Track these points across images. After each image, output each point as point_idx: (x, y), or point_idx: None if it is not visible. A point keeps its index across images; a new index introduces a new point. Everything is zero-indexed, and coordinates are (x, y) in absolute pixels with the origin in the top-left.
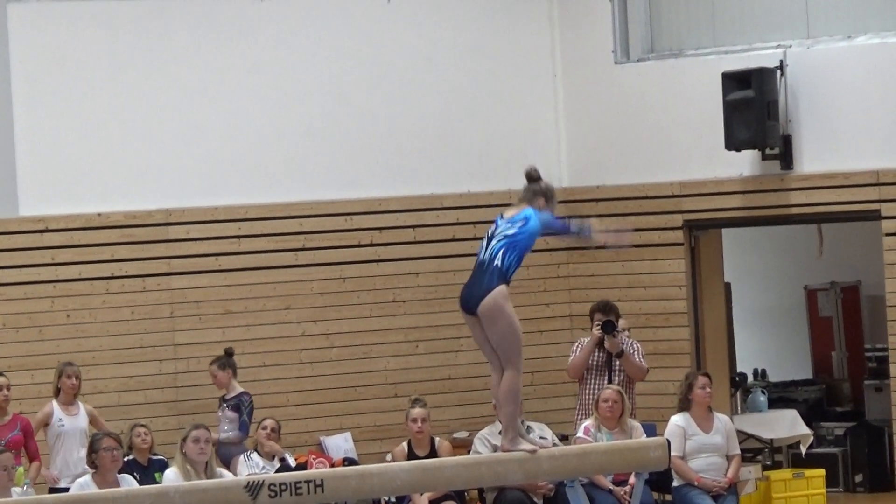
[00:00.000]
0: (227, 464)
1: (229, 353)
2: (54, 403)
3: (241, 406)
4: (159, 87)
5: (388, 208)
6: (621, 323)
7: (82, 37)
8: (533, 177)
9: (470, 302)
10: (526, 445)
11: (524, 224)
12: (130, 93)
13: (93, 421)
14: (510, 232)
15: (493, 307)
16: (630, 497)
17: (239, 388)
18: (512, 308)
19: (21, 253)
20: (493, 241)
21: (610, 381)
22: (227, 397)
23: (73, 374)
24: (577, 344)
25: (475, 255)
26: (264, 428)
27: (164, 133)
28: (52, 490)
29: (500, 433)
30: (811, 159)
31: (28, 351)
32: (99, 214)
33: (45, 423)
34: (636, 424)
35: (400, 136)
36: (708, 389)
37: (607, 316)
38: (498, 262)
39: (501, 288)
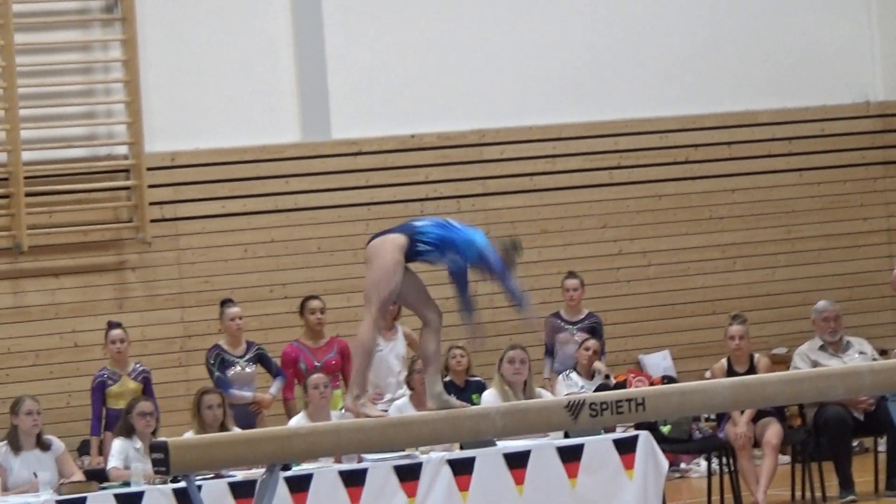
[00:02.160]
0: None
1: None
2: None
3: (598, 327)
4: (471, 6)
5: (703, 125)
6: None
7: None
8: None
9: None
10: (371, 411)
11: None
12: (442, 13)
13: (411, 344)
14: (458, 226)
15: (375, 247)
16: None
17: (585, 310)
18: (394, 258)
19: (335, 176)
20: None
21: None
22: (576, 318)
23: None
24: None
25: (792, 170)
26: (587, 349)
27: (477, 53)
28: None
29: (819, 348)
30: None
31: (344, 274)
32: (412, 136)
33: None
34: None
35: (714, 53)
36: None
37: None
38: (420, 222)
39: (396, 236)
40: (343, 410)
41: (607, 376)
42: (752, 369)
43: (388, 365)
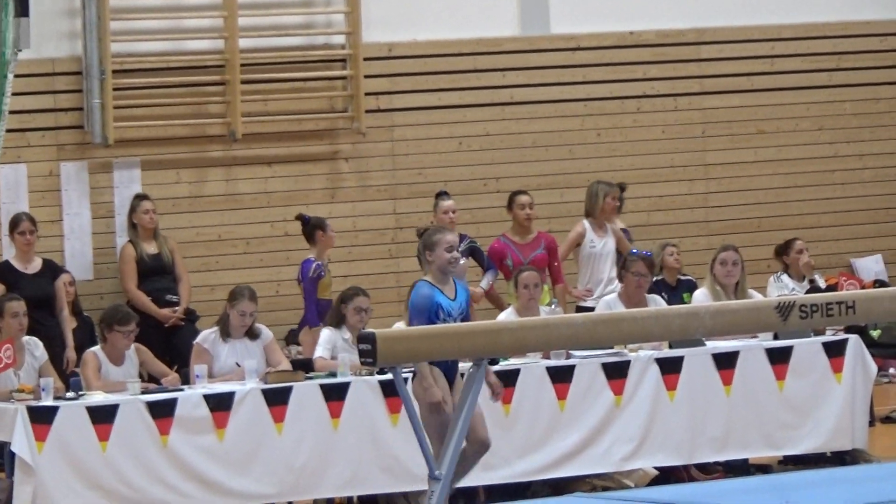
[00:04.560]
0: None
1: None
2: (586, 223)
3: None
4: None
5: None
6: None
7: None
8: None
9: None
10: None
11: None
12: None
13: (619, 241)
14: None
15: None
16: None
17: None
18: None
19: (552, 71)
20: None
21: None
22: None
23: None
24: None
25: None
26: (798, 252)
27: None
28: (579, 308)
29: None
30: None
31: (558, 169)
32: (631, 33)
33: (577, 244)
34: None
35: None
36: None
37: None
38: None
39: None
40: (552, 306)
41: (812, 280)
42: None
43: (600, 262)
